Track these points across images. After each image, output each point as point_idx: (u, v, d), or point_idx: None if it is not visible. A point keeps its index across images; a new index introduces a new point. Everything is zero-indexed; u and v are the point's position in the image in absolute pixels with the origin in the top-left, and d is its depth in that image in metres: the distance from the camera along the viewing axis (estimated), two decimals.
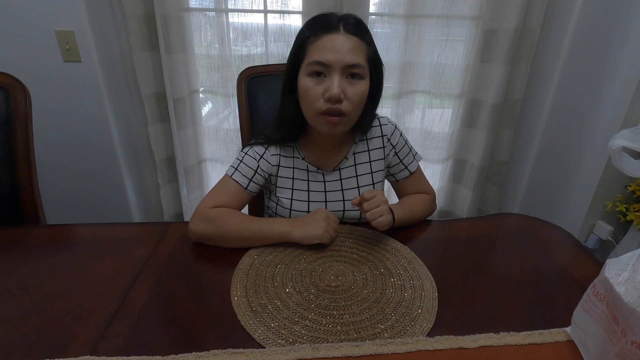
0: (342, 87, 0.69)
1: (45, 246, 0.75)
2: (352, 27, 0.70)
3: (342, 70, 0.69)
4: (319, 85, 0.70)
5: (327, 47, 0.68)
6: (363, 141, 0.84)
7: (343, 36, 0.69)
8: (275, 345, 0.51)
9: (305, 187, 0.82)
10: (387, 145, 0.85)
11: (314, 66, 0.69)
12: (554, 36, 1.42)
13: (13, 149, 0.87)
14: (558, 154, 1.57)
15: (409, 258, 0.71)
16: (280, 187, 0.82)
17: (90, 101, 1.34)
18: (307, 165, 0.82)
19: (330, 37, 0.68)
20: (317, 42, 0.69)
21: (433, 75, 1.54)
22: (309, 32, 0.71)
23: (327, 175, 0.83)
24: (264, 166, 0.80)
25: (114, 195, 1.51)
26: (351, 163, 0.84)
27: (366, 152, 0.84)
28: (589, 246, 1.55)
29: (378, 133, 0.85)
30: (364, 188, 0.84)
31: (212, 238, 0.73)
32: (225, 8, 1.38)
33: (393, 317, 0.57)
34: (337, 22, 0.70)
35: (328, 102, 0.69)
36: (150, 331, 0.54)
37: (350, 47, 0.68)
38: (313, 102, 0.71)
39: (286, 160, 0.82)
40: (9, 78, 0.87)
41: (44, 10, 1.20)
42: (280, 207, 0.83)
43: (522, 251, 0.76)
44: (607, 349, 0.45)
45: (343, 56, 0.68)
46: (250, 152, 0.81)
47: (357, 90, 0.71)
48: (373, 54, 0.74)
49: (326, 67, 0.68)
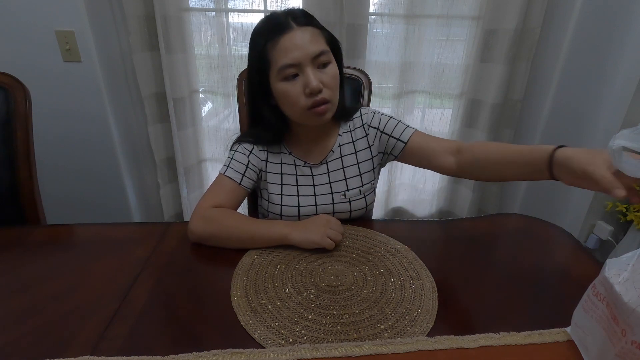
0: (317, 78, 0.70)
1: (45, 246, 0.75)
2: (302, 19, 0.71)
3: (311, 62, 0.70)
4: (295, 84, 0.71)
5: (289, 47, 0.69)
6: (347, 133, 0.86)
7: (298, 31, 0.70)
8: (275, 345, 0.51)
9: (294, 181, 0.83)
10: (369, 132, 0.85)
11: (286, 70, 0.70)
12: (554, 36, 1.42)
13: (13, 149, 0.87)
14: None
15: (409, 258, 0.71)
16: (270, 182, 0.83)
17: (90, 101, 1.34)
18: (294, 160, 0.83)
19: (288, 36, 0.69)
20: (278, 46, 0.70)
21: (433, 75, 1.54)
22: (264, 40, 0.71)
23: (315, 169, 0.84)
24: (254, 161, 0.82)
25: (114, 195, 1.51)
26: (337, 155, 0.84)
27: (351, 143, 0.85)
28: (589, 246, 1.55)
29: (359, 123, 0.86)
30: (351, 180, 0.84)
31: (211, 238, 0.73)
32: (225, 8, 1.38)
33: (393, 317, 0.57)
34: (286, 20, 0.70)
35: (310, 96, 0.71)
36: (150, 331, 0.54)
37: (309, 38, 0.70)
38: (296, 102, 0.72)
39: (273, 156, 0.84)
40: (9, 78, 0.87)
41: (44, 10, 1.20)
42: (271, 204, 0.83)
43: (522, 251, 0.76)
44: (607, 349, 0.45)
45: (307, 49, 0.69)
46: (240, 148, 0.82)
47: (331, 75, 0.72)
48: (329, 36, 0.75)
49: (296, 66, 0.70)
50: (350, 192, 0.84)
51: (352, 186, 0.84)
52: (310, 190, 0.83)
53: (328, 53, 0.72)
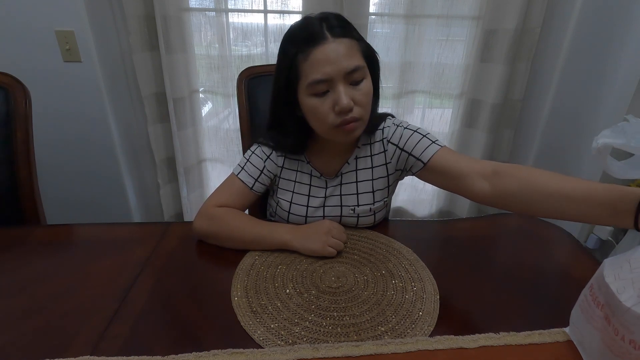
0: (349, 95, 0.65)
1: (45, 246, 0.75)
2: (338, 29, 0.65)
3: (344, 78, 0.65)
4: (325, 100, 0.66)
5: (321, 61, 0.64)
6: (366, 145, 0.79)
7: (333, 43, 0.64)
8: (275, 346, 0.51)
9: (307, 191, 0.80)
10: (388, 149, 0.78)
11: (316, 86, 0.65)
12: (554, 36, 1.42)
13: (13, 149, 0.87)
14: (558, 154, 1.57)
15: (410, 260, 0.71)
16: (282, 188, 0.81)
17: (90, 101, 1.34)
18: (311, 170, 0.80)
19: (321, 48, 0.64)
20: (310, 59, 0.64)
21: (433, 75, 1.54)
22: (295, 49, 0.66)
23: (330, 182, 0.80)
24: (270, 166, 0.79)
25: (114, 195, 1.51)
26: (352, 168, 0.79)
27: (369, 157, 0.79)
28: (589, 246, 1.55)
29: (379, 137, 0.79)
30: (363, 195, 0.79)
31: (214, 237, 0.73)
32: (225, 8, 1.38)
33: (394, 319, 0.57)
34: (320, 29, 0.64)
35: (340, 114, 0.66)
36: (150, 331, 0.54)
37: (344, 52, 0.64)
38: (324, 119, 0.67)
39: (290, 163, 0.80)
40: (9, 78, 0.87)
41: (44, 10, 1.20)
42: (280, 209, 0.82)
43: (522, 251, 0.76)
44: (604, 348, 0.45)
45: (340, 64, 0.64)
46: (258, 151, 0.80)
47: (364, 92, 0.67)
48: (366, 48, 0.69)
49: (327, 82, 0.65)
50: (360, 209, 0.79)
51: (363, 202, 0.79)
52: (320, 201, 0.80)
53: (363, 69, 0.67)
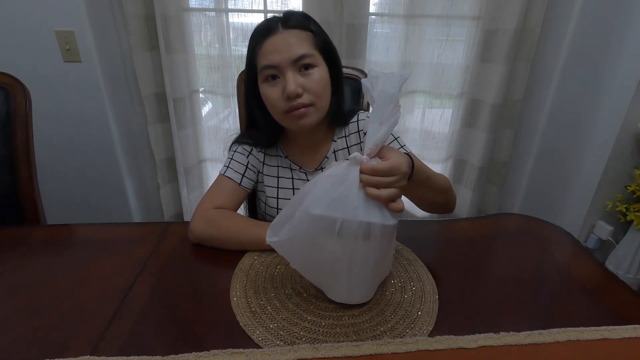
0: (298, 82, 0.70)
1: (45, 246, 0.75)
2: (293, 21, 0.71)
3: (292, 65, 0.69)
4: (276, 87, 0.71)
5: (270, 50, 0.70)
6: (342, 138, 0.84)
7: (282, 34, 0.70)
8: (274, 346, 0.51)
9: (290, 185, 0.83)
10: (364, 140, 0.81)
11: (265, 71, 0.71)
12: (554, 36, 1.42)
13: (13, 149, 0.87)
14: (558, 154, 1.57)
15: (409, 259, 0.71)
16: (267, 185, 0.83)
17: (90, 101, 1.34)
18: (290, 164, 0.83)
19: (271, 39, 0.70)
20: (262, 49, 0.71)
21: (433, 75, 1.54)
22: (254, 43, 0.73)
23: (310, 175, 0.83)
24: (253, 162, 0.83)
25: (114, 195, 1.51)
26: (332, 161, 0.83)
27: (346, 149, 0.83)
28: (589, 246, 1.55)
29: (355, 128, 0.84)
30: None
31: (211, 240, 0.73)
32: (225, 8, 1.38)
33: (393, 319, 0.57)
34: (275, 24, 0.71)
35: (288, 100, 0.70)
36: (150, 331, 0.54)
37: (292, 41, 0.70)
38: (275, 104, 0.72)
39: (270, 159, 0.84)
40: (9, 78, 0.87)
41: (44, 10, 1.20)
42: (268, 207, 0.84)
43: (522, 251, 0.76)
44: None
45: (287, 52, 0.69)
46: (239, 149, 0.83)
47: (314, 79, 0.71)
48: (321, 40, 0.74)
49: (276, 68, 0.70)
50: None
51: None
52: None
53: (312, 56, 0.71)
